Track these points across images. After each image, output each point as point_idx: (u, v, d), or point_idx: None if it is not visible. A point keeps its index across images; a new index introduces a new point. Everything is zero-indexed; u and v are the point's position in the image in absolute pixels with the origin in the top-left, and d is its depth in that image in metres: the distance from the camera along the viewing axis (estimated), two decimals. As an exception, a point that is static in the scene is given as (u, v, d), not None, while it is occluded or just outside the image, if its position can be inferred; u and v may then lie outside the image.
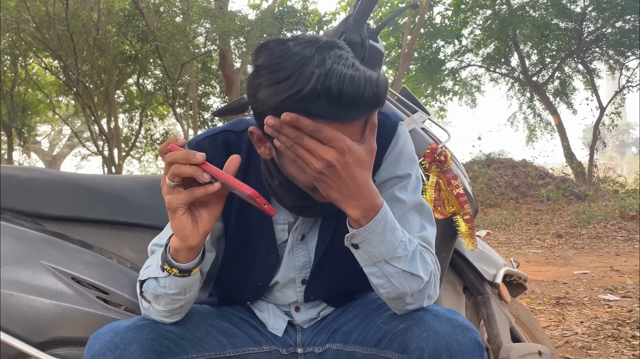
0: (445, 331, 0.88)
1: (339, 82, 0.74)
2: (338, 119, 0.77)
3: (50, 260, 1.31)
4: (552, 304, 3.48)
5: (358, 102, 0.76)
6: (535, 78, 14.86)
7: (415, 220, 0.99)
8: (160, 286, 0.91)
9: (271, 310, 1.13)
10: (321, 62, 0.77)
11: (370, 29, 1.64)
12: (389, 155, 1.02)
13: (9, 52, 13.12)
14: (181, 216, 0.81)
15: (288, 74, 0.77)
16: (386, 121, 1.03)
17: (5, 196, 1.39)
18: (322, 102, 0.75)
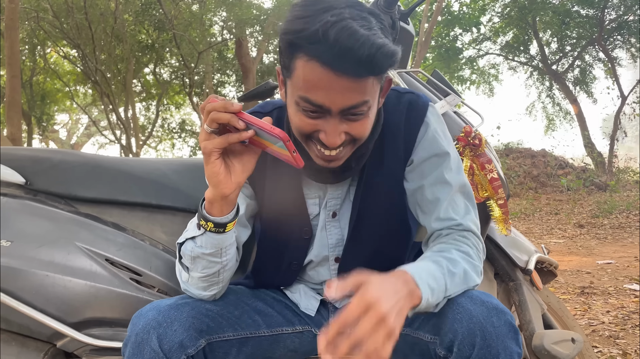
0: (480, 313, 0.87)
1: (340, 32, 0.79)
2: (330, 66, 0.81)
3: (84, 242, 1.32)
4: (576, 294, 3.44)
5: (350, 55, 0.79)
6: (555, 67, 14.61)
7: (461, 203, 1.03)
8: (197, 246, 0.94)
9: (302, 290, 1.14)
10: (339, 13, 0.81)
11: (401, 11, 1.61)
12: (425, 134, 1.03)
13: (28, 41, 13.24)
14: (215, 161, 0.85)
15: (307, 14, 0.82)
16: (417, 100, 1.05)
17: (39, 178, 1.39)
18: (319, 45, 0.80)
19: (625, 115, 13.21)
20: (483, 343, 0.84)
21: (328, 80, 0.82)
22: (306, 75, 0.84)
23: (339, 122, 0.88)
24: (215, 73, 15.86)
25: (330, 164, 0.94)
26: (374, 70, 0.82)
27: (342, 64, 0.80)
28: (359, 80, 0.83)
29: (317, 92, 0.84)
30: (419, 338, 0.95)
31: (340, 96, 0.84)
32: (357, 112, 0.87)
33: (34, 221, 1.33)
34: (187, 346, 0.91)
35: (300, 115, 0.89)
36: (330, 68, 0.81)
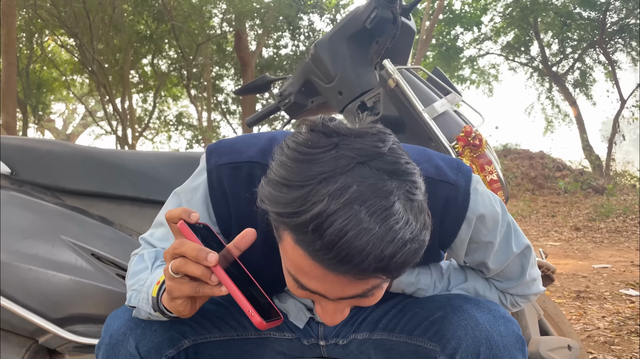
0: (486, 321, 0.83)
1: (339, 232, 0.58)
2: (327, 267, 0.61)
3: (70, 235, 1.28)
4: (572, 298, 3.41)
5: (353, 261, 0.59)
6: (555, 69, 14.61)
7: (514, 268, 0.95)
8: (153, 316, 0.81)
9: (292, 302, 1.06)
10: (344, 189, 0.59)
11: (403, 6, 1.58)
12: (463, 233, 0.88)
13: (25, 29, 13.13)
14: (181, 303, 0.71)
15: (298, 183, 0.61)
16: (457, 195, 0.85)
17: (25, 168, 1.35)
18: (311, 237, 0.60)
19: (624, 118, 13.23)
20: (489, 353, 0.80)
21: (322, 275, 0.63)
22: (294, 258, 0.65)
23: (337, 304, 0.70)
24: (214, 66, 15.80)
25: (328, 324, 0.75)
26: (387, 273, 0.62)
27: (342, 269, 0.60)
28: (365, 280, 0.64)
29: (309, 280, 0.66)
30: (417, 345, 0.90)
31: (340, 289, 0.65)
32: (363, 296, 0.68)
33: (19, 213, 1.29)
34: (167, 347, 0.85)
35: (292, 282, 0.70)
36: (325, 268, 0.62)
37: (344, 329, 1.03)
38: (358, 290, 0.66)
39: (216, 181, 0.88)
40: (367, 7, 1.50)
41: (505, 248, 0.91)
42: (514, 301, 1.01)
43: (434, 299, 0.93)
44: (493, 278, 0.98)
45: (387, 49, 1.55)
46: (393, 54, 1.58)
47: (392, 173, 0.62)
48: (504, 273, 0.95)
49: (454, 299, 0.90)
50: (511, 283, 0.97)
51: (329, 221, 0.58)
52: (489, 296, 0.98)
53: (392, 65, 1.50)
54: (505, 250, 0.92)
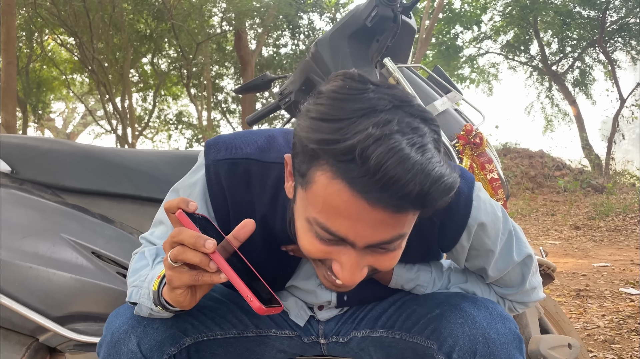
0: (483, 319, 0.83)
1: (384, 156, 0.59)
2: (364, 196, 0.62)
3: (71, 234, 1.28)
4: (572, 297, 3.42)
5: (394, 189, 0.60)
6: (555, 68, 14.61)
7: (514, 277, 0.96)
8: (154, 312, 0.81)
9: (293, 300, 1.05)
10: (385, 122, 0.61)
11: (403, 4, 1.57)
12: (465, 240, 0.88)
13: (25, 28, 13.12)
14: (181, 293, 0.70)
15: (340, 117, 0.63)
16: (459, 198, 0.84)
17: (26, 167, 1.35)
18: (354, 166, 0.61)
19: (624, 117, 13.23)
20: (486, 351, 0.80)
21: (357, 211, 0.63)
22: (328, 197, 0.64)
23: (362, 255, 0.69)
24: (214, 65, 15.79)
25: (340, 289, 0.78)
26: (423, 207, 0.63)
27: (382, 197, 0.61)
28: (399, 214, 0.64)
29: (340, 222, 0.65)
30: (415, 342, 0.90)
31: (371, 231, 0.65)
32: (389, 247, 0.69)
33: (19, 211, 1.29)
34: (169, 345, 0.85)
35: (311, 238, 0.70)
36: (364, 199, 0.62)
37: (345, 327, 1.03)
38: (387, 234, 0.66)
39: (214, 176, 0.88)
40: (367, 6, 1.50)
41: (506, 257, 0.92)
42: (512, 307, 1.02)
43: (432, 297, 0.94)
44: (493, 283, 0.99)
45: (387, 47, 1.55)
46: (394, 53, 1.57)
47: (423, 119, 0.65)
48: (503, 281, 0.96)
49: (452, 298, 0.90)
50: (511, 291, 0.98)
51: (373, 147, 0.59)
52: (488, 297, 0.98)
53: (393, 64, 1.50)
54: (505, 259, 0.92)
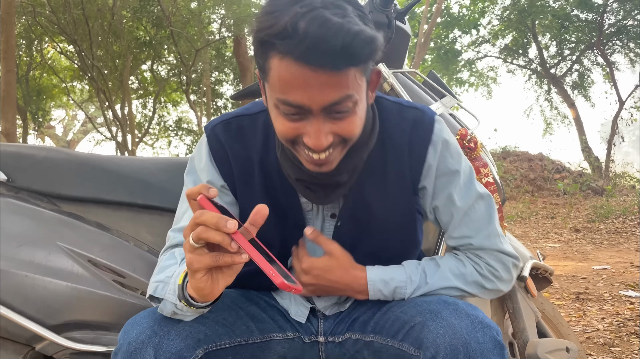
0: (464, 328, 0.83)
1: (310, 22, 0.73)
2: (304, 61, 0.75)
3: (67, 242, 1.28)
4: (571, 300, 3.41)
5: (324, 46, 0.73)
6: (554, 71, 14.63)
7: (480, 213, 1.01)
8: (178, 310, 0.85)
9: (292, 297, 1.10)
10: (310, 3, 0.75)
11: (398, 10, 1.58)
12: (432, 157, 0.97)
13: (25, 36, 13.16)
14: (201, 278, 0.74)
15: (275, 9, 0.76)
16: (423, 117, 0.98)
17: (22, 175, 1.36)
18: (290, 39, 0.74)
19: (623, 120, 13.24)
20: None
21: (304, 77, 0.76)
22: (281, 74, 0.77)
23: (322, 121, 0.81)
24: (213, 71, 15.82)
25: (322, 168, 0.87)
26: (352, 59, 0.76)
27: (317, 57, 0.74)
28: (338, 73, 0.76)
29: (294, 92, 0.78)
30: (402, 349, 0.91)
31: (320, 92, 0.77)
32: (342, 108, 0.80)
33: (15, 219, 1.29)
34: (185, 356, 0.86)
35: (281, 119, 0.83)
36: (304, 63, 0.75)
37: (341, 327, 1.06)
38: (335, 94, 0.78)
39: (214, 138, 1.00)
40: (362, 12, 1.50)
41: (469, 185, 1.00)
42: (490, 269, 1.01)
43: (415, 303, 0.94)
44: (465, 235, 1.01)
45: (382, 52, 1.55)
46: (389, 58, 1.58)
47: (346, 1, 0.78)
48: (471, 220, 1.00)
49: (433, 304, 0.90)
50: (481, 233, 1.00)
51: (301, 20, 0.73)
52: (464, 272, 1.00)
53: (387, 69, 1.51)
54: (469, 187, 1.00)
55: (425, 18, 13.44)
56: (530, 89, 16.06)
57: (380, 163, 0.98)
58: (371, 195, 1.00)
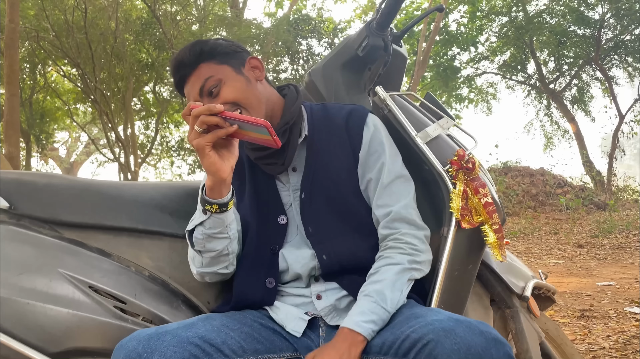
0: (478, 344, 0.84)
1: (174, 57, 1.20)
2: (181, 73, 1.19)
3: (68, 268, 1.29)
4: (576, 317, 3.38)
5: (177, 65, 1.20)
6: (553, 86, 14.70)
7: (397, 189, 1.21)
8: (206, 229, 1.10)
9: (287, 310, 1.13)
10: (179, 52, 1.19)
11: (394, 33, 1.60)
12: (367, 135, 1.24)
13: (29, 60, 13.31)
14: (209, 153, 1.00)
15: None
16: (358, 108, 1.29)
17: (24, 202, 1.36)
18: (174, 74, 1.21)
19: (624, 134, 13.26)
20: None
21: (187, 88, 1.20)
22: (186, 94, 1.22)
23: (207, 101, 1.15)
24: (215, 91, 15.91)
25: None
26: (190, 62, 1.17)
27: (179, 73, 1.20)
28: (194, 71, 1.17)
29: (188, 95, 1.19)
30: None
31: (191, 87, 1.17)
32: (209, 87, 1.14)
33: (17, 247, 1.30)
34: None
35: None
36: (182, 82, 1.20)
37: None
38: (198, 83, 1.16)
39: None
40: (359, 36, 1.53)
41: (395, 159, 1.25)
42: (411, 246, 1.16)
43: (425, 321, 0.95)
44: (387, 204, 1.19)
45: (379, 75, 1.58)
46: (386, 80, 1.60)
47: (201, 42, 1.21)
48: (393, 192, 1.20)
49: (445, 322, 0.91)
50: (399, 203, 1.19)
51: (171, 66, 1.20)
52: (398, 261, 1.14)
53: (384, 92, 1.52)
54: (394, 162, 1.24)
55: (424, 36, 13.57)
56: (530, 104, 16.14)
57: (326, 142, 1.23)
58: (324, 166, 1.21)
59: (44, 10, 10.84)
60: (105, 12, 11.87)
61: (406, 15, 15.64)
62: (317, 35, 13.34)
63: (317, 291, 1.16)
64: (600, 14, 12.89)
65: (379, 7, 1.53)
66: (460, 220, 1.39)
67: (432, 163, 1.37)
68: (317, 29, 13.37)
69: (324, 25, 14.22)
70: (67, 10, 11.34)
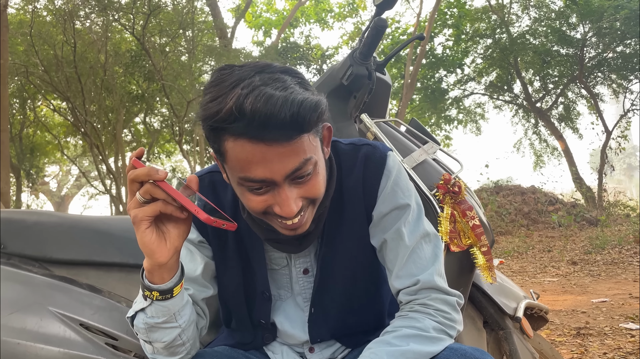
0: None
1: (254, 102, 0.74)
2: (259, 139, 0.77)
3: (58, 306, 1.28)
4: (572, 336, 3.37)
5: (273, 122, 0.75)
6: (539, 104, 14.91)
7: (427, 251, 1.00)
8: (148, 317, 0.90)
9: (285, 352, 1.09)
10: (250, 83, 0.77)
11: (377, 62, 1.64)
12: (384, 189, 1.00)
13: (18, 95, 13.34)
14: (146, 230, 0.81)
15: (218, 95, 0.77)
16: (374, 152, 1.01)
17: (13, 241, 1.36)
18: (239, 122, 0.76)
19: (612, 149, 13.41)
20: None
21: (262, 153, 0.78)
22: (238, 154, 0.79)
23: (289, 189, 0.83)
24: (205, 120, 15.99)
25: (297, 231, 0.89)
26: (303, 127, 0.78)
27: (269, 132, 0.76)
28: (292, 142, 0.79)
29: (255, 168, 0.80)
30: None
31: (280, 164, 0.79)
32: (303, 173, 0.82)
33: (7, 286, 1.29)
34: None
35: (248, 195, 0.85)
36: (259, 141, 0.77)
37: None
38: (294, 162, 0.80)
39: None
40: (343, 65, 1.56)
41: (417, 221, 1.00)
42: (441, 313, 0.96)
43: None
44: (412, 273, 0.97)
45: (365, 102, 1.61)
46: (371, 107, 1.63)
47: (283, 72, 0.81)
48: (419, 258, 0.98)
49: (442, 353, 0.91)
50: (427, 271, 0.97)
51: (246, 101, 0.74)
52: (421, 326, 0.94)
53: (370, 119, 1.55)
54: (417, 223, 1.00)
55: (410, 60, 13.78)
56: (518, 123, 16.32)
57: (338, 201, 1.01)
58: (339, 247, 1.02)
59: (33, 45, 10.93)
60: (95, 45, 11.97)
61: (392, 40, 15.91)
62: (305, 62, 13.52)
63: (308, 344, 1.10)
64: (582, 33, 13.18)
65: (362, 37, 1.57)
66: (449, 243, 1.41)
67: (419, 187, 1.40)
68: (305, 56, 13.55)
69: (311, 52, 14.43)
70: (56, 45, 11.43)
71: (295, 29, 17.89)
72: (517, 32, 14.20)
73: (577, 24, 13.12)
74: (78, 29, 11.57)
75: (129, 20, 11.62)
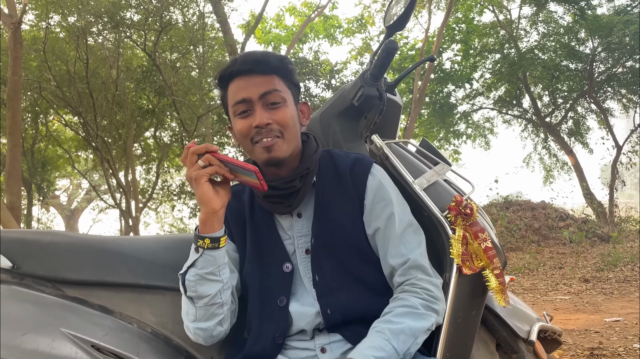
0: None
1: (245, 55, 1.19)
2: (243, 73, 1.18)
3: (70, 327, 1.28)
4: (586, 356, 3.31)
5: (251, 58, 1.18)
6: (549, 119, 14.85)
7: (413, 237, 1.23)
8: (197, 269, 1.13)
9: None
10: None
11: (387, 83, 1.64)
12: (371, 183, 1.26)
13: (30, 110, 13.52)
14: (204, 183, 1.08)
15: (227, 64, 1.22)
16: (364, 158, 1.31)
17: (27, 261, 1.37)
18: (235, 66, 1.19)
19: (622, 164, 13.29)
20: None
21: (245, 82, 1.18)
22: (232, 89, 1.20)
23: (261, 109, 1.17)
24: (215, 135, 16.10)
25: (272, 154, 1.17)
26: (272, 68, 1.18)
27: (249, 66, 1.17)
28: (265, 76, 1.18)
29: (240, 93, 1.18)
30: None
31: (255, 87, 1.17)
32: (273, 99, 1.17)
33: (20, 307, 1.30)
34: None
35: (238, 120, 1.19)
36: (244, 75, 1.17)
37: None
38: (266, 87, 1.17)
39: None
40: (353, 86, 1.57)
41: (404, 210, 1.26)
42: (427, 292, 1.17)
43: None
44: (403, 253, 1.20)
45: (375, 123, 1.61)
46: (382, 128, 1.63)
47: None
48: (407, 241, 1.21)
49: None
50: (415, 252, 1.20)
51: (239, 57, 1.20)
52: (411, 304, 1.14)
53: (380, 140, 1.55)
54: (404, 212, 1.26)
55: (419, 75, 13.81)
56: (528, 138, 16.24)
57: (332, 190, 1.26)
58: (332, 214, 1.24)
59: (46, 61, 11.09)
60: (107, 61, 12.13)
61: (400, 56, 15.97)
62: (314, 77, 13.59)
63: (321, 344, 1.17)
64: (591, 48, 13.15)
65: (372, 58, 1.58)
66: (462, 266, 1.39)
67: (430, 210, 1.39)
68: (314, 71, 13.63)
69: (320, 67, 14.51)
70: (69, 61, 11.60)
71: (304, 44, 18.04)
72: (526, 47, 14.21)
73: (586, 39, 13.11)
74: (90, 45, 11.75)
75: (140, 37, 11.78)
